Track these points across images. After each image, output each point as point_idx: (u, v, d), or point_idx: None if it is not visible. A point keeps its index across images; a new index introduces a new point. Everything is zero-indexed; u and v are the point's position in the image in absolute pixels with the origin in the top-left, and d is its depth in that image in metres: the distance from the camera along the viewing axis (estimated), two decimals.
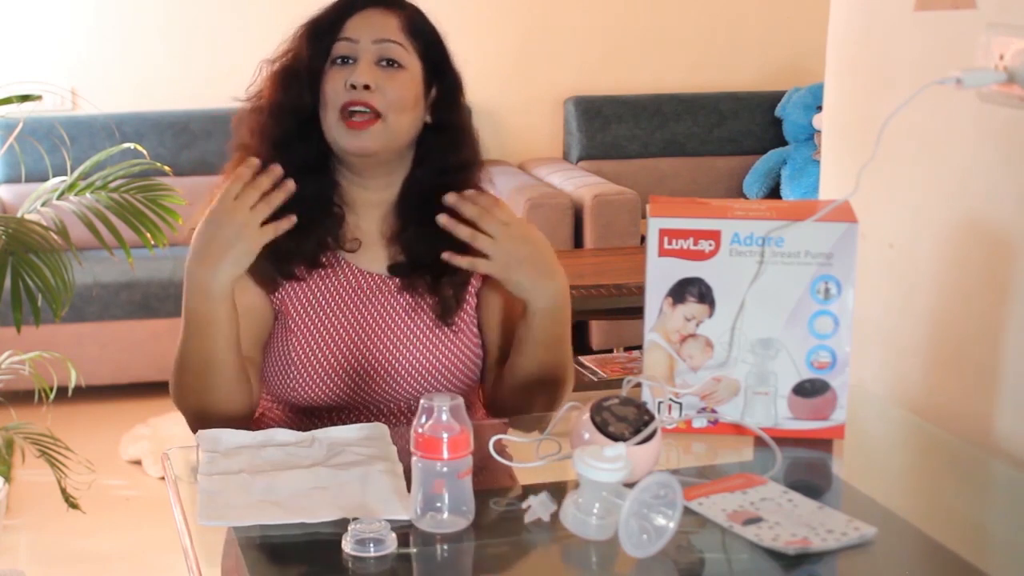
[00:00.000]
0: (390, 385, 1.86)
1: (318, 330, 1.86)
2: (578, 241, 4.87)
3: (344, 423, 1.78)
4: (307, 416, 1.86)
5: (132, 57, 5.11)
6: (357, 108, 1.80)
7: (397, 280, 1.88)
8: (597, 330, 4.78)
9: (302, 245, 1.84)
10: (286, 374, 1.85)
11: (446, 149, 1.88)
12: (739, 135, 5.57)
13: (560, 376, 1.87)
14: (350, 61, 1.83)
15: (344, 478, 1.54)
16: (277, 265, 1.84)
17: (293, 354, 1.85)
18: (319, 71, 1.84)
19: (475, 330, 1.91)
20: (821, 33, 2.43)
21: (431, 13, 1.94)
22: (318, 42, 1.85)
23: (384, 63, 1.83)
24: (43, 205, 3.19)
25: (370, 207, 1.90)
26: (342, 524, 1.41)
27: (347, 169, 1.88)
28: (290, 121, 1.85)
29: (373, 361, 1.85)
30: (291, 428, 1.70)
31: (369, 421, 1.85)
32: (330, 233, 1.87)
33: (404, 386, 1.86)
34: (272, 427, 1.73)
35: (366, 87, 1.80)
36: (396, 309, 1.87)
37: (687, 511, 1.43)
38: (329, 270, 1.88)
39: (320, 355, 1.84)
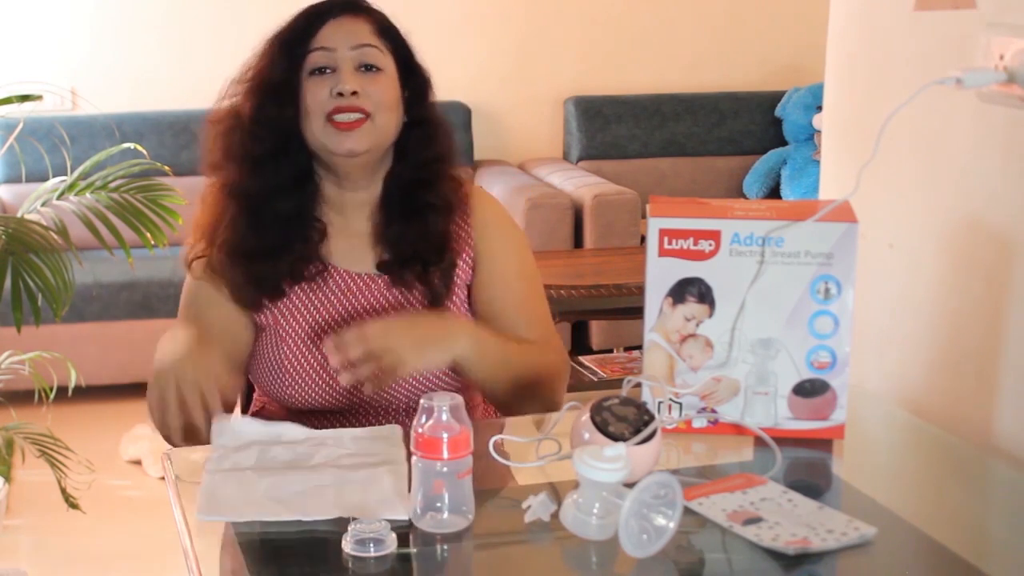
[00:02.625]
0: (398, 383, 1.86)
1: (310, 337, 1.86)
2: (578, 241, 4.87)
3: (342, 426, 1.78)
4: (304, 418, 1.86)
5: (132, 57, 5.11)
6: (344, 114, 1.81)
7: (386, 277, 1.89)
8: (597, 330, 4.78)
9: (278, 266, 1.85)
10: (280, 381, 1.85)
11: (423, 144, 1.91)
12: (739, 135, 5.57)
13: (533, 383, 1.87)
14: (328, 71, 1.83)
15: (348, 478, 1.54)
16: (259, 288, 1.85)
17: (286, 361, 1.85)
18: (295, 83, 1.84)
19: (468, 318, 1.92)
20: (821, 33, 2.43)
21: (432, 13, 1.94)
22: (290, 54, 1.84)
23: (363, 68, 1.84)
24: (43, 205, 3.19)
25: (357, 207, 1.91)
26: (342, 524, 1.41)
27: (332, 174, 1.89)
28: (271, 137, 1.85)
29: None
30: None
31: (367, 423, 1.86)
32: (310, 247, 1.88)
33: (411, 382, 1.86)
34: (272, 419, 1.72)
35: (353, 93, 1.81)
36: (386, 307, 1.88)
37: (687, 511, 1.43)
38: (318, 279, 1.88)
39: (313, 361, 1.85)
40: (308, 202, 1.89)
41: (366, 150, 1.84)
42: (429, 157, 1.91)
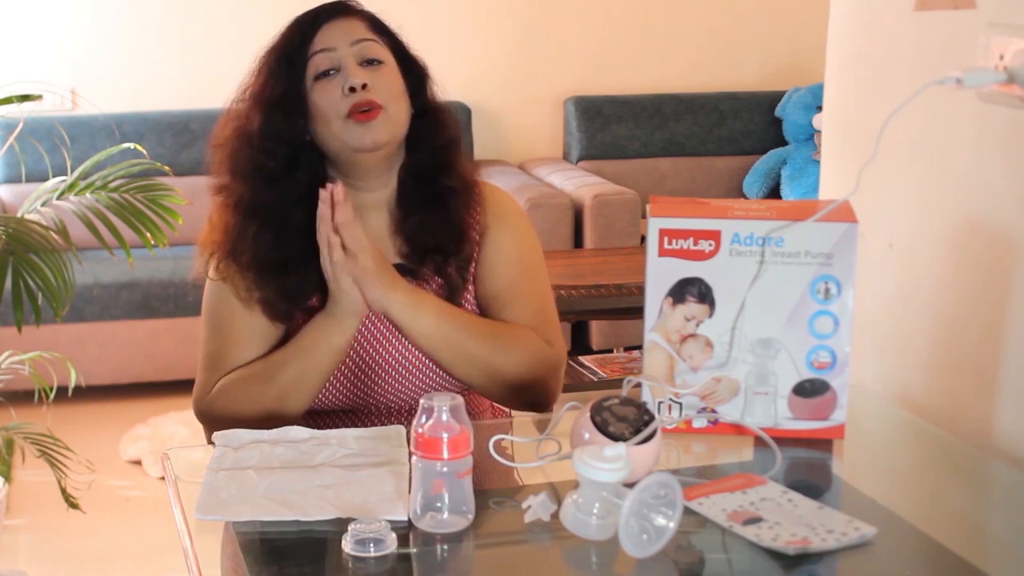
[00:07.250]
0: (398, 383, 1.87)
1: None
2: (578, 241, 4.87)
3: (351, 425, 1.78)
4: (314, 418, 1.87)
5: (132, 57, 5.11)
6: (362, 109, 1.81)
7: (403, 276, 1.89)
8: (597, 330, 4.78)
9: (308, 277, 1.84)
10: None
11: (434, 131, 1.92)
12: (739, 135, 5.57)
13: (503, 369, 1.85)
14: (333, 72, 1.84)
15: (349, 478, 1.54)
16: (290, 302, 1.85)
17: None
18: (301, 93, 1.84)
19: (477, 312, 1.92)
20: (821, 33, 2.43)
21: (432, 13, 1.94)
22: (290, 64, 1.85)
23: (366, 63, 1.85)
24: (43, 205, 3.19)
25: (373, 208, 1.91)
26: (342, 524, 1.41)
27: (349, 177, 1.88)
28: (283, 149, 1.85)
29: (381, 362, 1.86)
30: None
31: (373, 423, 1.87)
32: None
33: (412, 382, 1.87)
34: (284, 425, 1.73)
35: (363, 86, 1.81)
36: None
37: (687, 511, 1.43)
38: None
39: None
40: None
41: (387, 141, 1.84)
42: (442, 142, 1.92)
